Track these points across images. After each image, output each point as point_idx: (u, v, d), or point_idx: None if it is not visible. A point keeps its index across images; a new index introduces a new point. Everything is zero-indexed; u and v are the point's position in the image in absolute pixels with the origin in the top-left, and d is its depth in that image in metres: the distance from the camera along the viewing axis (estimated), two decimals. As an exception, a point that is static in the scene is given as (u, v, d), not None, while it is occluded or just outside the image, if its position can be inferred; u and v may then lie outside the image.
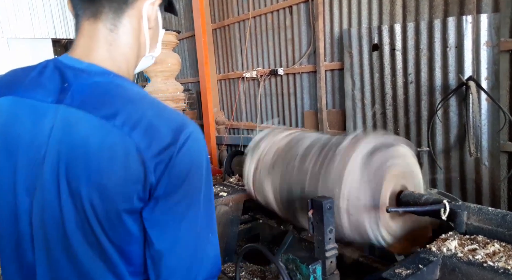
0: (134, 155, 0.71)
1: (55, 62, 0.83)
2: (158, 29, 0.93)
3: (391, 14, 3.42)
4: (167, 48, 3.94)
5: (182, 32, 6.11)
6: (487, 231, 1.36)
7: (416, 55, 3.23)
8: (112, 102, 0.76)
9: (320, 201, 1.30)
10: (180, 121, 0.77)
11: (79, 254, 0.76)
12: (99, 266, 0.77)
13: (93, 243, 0.75)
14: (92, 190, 0.72)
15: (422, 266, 1.18)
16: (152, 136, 0.72)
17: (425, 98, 3.23)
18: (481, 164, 2.96)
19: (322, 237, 1.31)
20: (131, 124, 0.72)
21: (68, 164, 0.74)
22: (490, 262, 1.15)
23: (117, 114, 0.73)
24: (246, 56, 5.21)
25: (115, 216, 0.74)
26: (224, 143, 5.63)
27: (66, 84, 0.79)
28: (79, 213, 0.74)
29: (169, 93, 3.93)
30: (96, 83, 0.79)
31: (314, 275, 1.32)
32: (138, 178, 0.71)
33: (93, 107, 0.75)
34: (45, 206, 0.76)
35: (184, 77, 6.45)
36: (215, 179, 4.54)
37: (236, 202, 2.39)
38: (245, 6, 5.08)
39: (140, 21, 0.86)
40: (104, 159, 0.72)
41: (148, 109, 0.76)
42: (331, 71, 4.08)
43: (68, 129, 0.75)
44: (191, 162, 0.76)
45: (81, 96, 0.77)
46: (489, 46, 2.84)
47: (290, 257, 1.39)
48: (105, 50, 0.83)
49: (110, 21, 0.82)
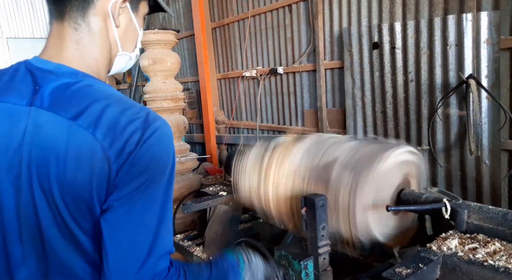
0: (99, 153, 0.74)
1: (26, 65, 0.85)
2: (132, 28, 0.94)
3: (391, 12, 3.41)
4: (166, 47, 3.93)
5: (181, 31, 6.10)
6: (487, 229, 1.35)
7: (416, 54, 3.22)
8: (79, 103, 0.78)
9: (313, 198, 1.31)
10: (145, 117, 0.79)
11: (56, 247, 0.80)
12: (76, 257, 0.81)
13: (68, 237, 0.79)
14: (63, 188, 0.76)
15: (422, 265, 1.17)
16: (115, 133, 0.75)
17: (425, 96, 3.22)
18: (482, 162, 2.96)
19: (315, 234, 1.32)
20: (95, 123, 0.75)
21: (39, 165, 0.77)
22: (491, 261, 1.15)
23: (82, 114, 0.76)
24: (245, 55, 5.21)
25: (86, 210, 0.77)
26: (224, 142, 5.63)
27: (37, 87, 0.81)
28: (52, 210, 0.78)
29: (168, 93, 3.92)
30: (64, 85, 0.81)
31: (305, 271, 1.35)
32: (104, 174, 0.75)
33: (61, 108, 0.78)
34: (25, 203, 0.80)
35: (183, 76, 6.44)
36: (216, 178, 4.54)
37: (236, 201, 2.39)
38: (244, 5, 5.07)
39: (106, 20, 0.87)
40: (72, 159, 0.75)
41: (112, 106, 0.78)
42: (331, 70, 4.07)
43: (38, 131, 0.78)
44: (153, 157, 0.78)
45: (50, 98, 0.79)
46: (489, 44, 2.83)
47: (283, 254, 1.41)
48: (73, 49, 0.85)
49: (74, 20, 0.84)
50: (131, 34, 0.95)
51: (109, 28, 0.89)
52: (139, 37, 0.98)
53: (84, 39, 0.86)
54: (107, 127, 0.76)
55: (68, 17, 0.84)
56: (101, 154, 0.75)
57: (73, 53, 0.85)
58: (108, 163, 0.75)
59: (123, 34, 0.92)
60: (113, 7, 0.87)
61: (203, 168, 5.05)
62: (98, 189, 0.76)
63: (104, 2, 0.86)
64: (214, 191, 2.45)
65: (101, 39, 0.88)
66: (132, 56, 0.98)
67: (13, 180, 0.80)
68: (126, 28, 0.92)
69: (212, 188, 2.54)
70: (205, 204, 2.28)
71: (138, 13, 0.95)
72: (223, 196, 2.35)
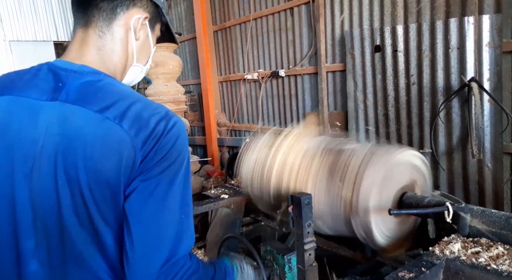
0: (126, 142, 0.81)
1: (49, 66, 0.92)
2: (147, 43, 1.04)
3: (393, 15, 3.42)
4: (168, 50, 3.94)
5: (183, 34, 6.12)
6: (490, 233, 1.34)
7: (418, 57, 3.22)
8: (103, 98, 0.85)
9: (299, 197, 1.36)
10: (165, 113, 0.88)
11: (74, 236, 0.84)
12: (93, 250, 0.85)
13: (88, 228, 0.84)
14: (90, 175, 0.81)
15: (425, 269, 1.17)
16: (140, 124, 0.83)
17: (427, 99, 3.22)
18: (484, 165, 2.95)
19: (301, 231, 1.37)
20: (121, 116, 0.83)
21: (66, 153, 0.82)
22: (494, 265, 1.14)
23: (108, 107, 0.83)
24: (247, 58, 5.21)
25: (110, 197, 0.82)
26: (225, 145, 5.63)
27: (60, 83, 0.88)
28: (74, 198, 0.82)
29: (170, 95, 3.93)
30: (88, 82, 0.88)
31: (289, 265, 1.43)
32: (130, 161, 0.81)
33: (87, 102, 0.84)
34: (43, 193, 0.84)
35: (185, 79, 6.46)
36: (217, 181, 4.53)
37: (237, 204, 2.38)
38: (246, 8, 5.08)
39: (128, 32, 0.97)
40: (99, 146, 0.81)
41: (136, 102, 0.86)
42: (333, 73, 4.07)
43: (64, 122, 0.83)
44: (174, 146, 0.86)
45: (75, 93, 0.86)
46: (491, 47, 2.83)
47: (268, 249, 1.50)
48: (94, 54, 0.93)
49: (99, 28, 0.93)
50: (146, 49, 1.04)
51: (129, 40, 0.98)
52: (151, 54, 1.07)
53: (107, 46, 0.95)
54: (132, 119, 0.83)
55: (94, 25, 0.93)
56: (128, 143, 0.81)
57: (95, 57, 0.93)
58: (134, 150, 0.81)
59: (140, 47, 1.01)
60: (136, 22, 0.97)
61: (205, 170, 5.05)
62: (124, 175, 0.82)
63: (128, 17, 0.96)
64: (215, 194, 2.45)
65: (121, 48, 0.97)
66: (144, 69, 1.07)
67: (27, 172, 0.84)
68: (143, 42, 1.02)
69: (214, 191, 2.54)
70: (207, 207, 2.28)
71: (154, 32, 1.05)
72: (224, 199, 2.34)
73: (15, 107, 0.87)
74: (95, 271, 0.86)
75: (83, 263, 0.86)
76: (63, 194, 0.82)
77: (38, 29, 7.39)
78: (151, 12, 1.01)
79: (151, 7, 1.00)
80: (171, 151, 0.85)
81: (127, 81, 1.05)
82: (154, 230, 0.84)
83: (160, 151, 0.83)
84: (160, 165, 0.84)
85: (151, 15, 1.01)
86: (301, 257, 1.39)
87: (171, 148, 0.85)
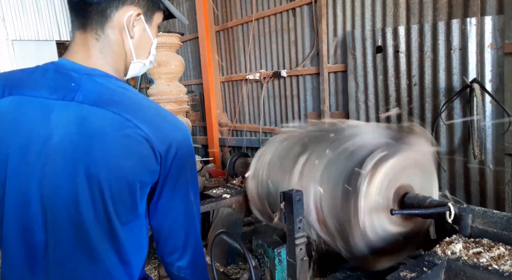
0: (145, 143, 0.87)
1: (56, 66, 0.94)
2: (145, 38, 1.03)
3: (395, 16, 3.42)
4: (171, 50, 3.95)
5: (185, 34, 6.13)
6: (492, 234, 1.35)
7: (420, 57, 3.22)
8: (120, 101, 0.90)
9: (290, 193, 1.40)
10: (176, 119, 0.96)
11: (89, 232, 0.87)
12: (105, 244, 0.89)
13: (103, 222, 0.88)
14: (111, 172, 0.85)
15: (427, 269, 1.17)
16: (156, 129, 0.89)
17: (429, 100, 3.22)
18: (486, 166, 2.95)
19: (292, 226, 1.41)
20: (139, 119, 0.88)
21: (86, 151, 0.85)
22: (495, 266, 1.15)
23: (126, 110, 0.88)
24: (249, 58, 5.22)
25: (128, 194, 0.88)
26: (227, 145, 5.63)
27: (73, 84, 0.90)
28: (93, 194, 0.86)
29: (172, 95, 3.94)
30: (103, 85, 0.92)
31: (279, 258, 1.51)
32: (149, 161, 0.88)
33: (105, 104, 0.88)
34: (56, 189, 0.86)
35: (187, 79, 6.47)
36: (219, 181, 4.54)
37: (239, 204, 2.39)
38: (248, 8, 5.09)
39: (122, 32, 0.97)
40: (120, 146, 0.86)
41: (150, 108, 0.94)
42: (335, 73, 4.07)
43: (83, 122, 0.86)
44: (188, 153, 0.97)
45: (92, 95, 0.89)
46: (493, 48, 2.83)
47: (259, 243, 1.57)
48: (99, 57, 0.95)
49: (94, 31, 0.94)
50: (145, 43, 1.04)
51: (124, 39, 0.98)
52: (153, 45, 1.07)
53: (105, 48, 0.96)
54: (149, 122, 0.89)
55: (90, 28, 0.94)
56: (147, 144, 0.87)
57: (100, 60, 0.95)
58: (154, 152, 0.88)
59: (137, 44, 1.01)
60: (128, 20, 0.96)
61: (206, 170, 5.05)
62: (143, 173, 0.88)
63: (120, 16, 0.95)
64: (217, 194, 2.46)
65: (119, 48, 0.98)
66: (146, 62, 1.07)
67: (40, 169, 0.86)
68: (140, 38, 1.01)
69: (215, 190, 2.55)
70: (208, 206, 2.28)
71: (152, 23, 1.03)
72: (226, 199, 2.35)
73: (26, 107, 0.89)
74: (107, 266, 0.90)
75: (96, 258, 0.89)
76: (82, 190, 0.85)
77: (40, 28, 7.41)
78: (144, 5, 0.99)
79: (143, 0, 0.98)
80: (186, 155, 0.95)
81: (130, 75, 1.07)
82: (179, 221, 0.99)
83: (178, 156, 0.92)
84: (179, 168, 0.94)
85: (145, 8, 0.99)
86: (292, 252, 1.43)
87: (186, 152, 0.95)
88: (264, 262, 1.54)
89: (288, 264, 1.46)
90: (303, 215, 1.43)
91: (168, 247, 1.01)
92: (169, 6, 1.05)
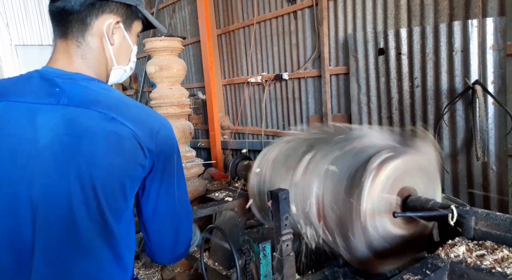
0: (132, 139, 0.91)
1: (40, 73, 0.98)
2: (125, 45, 1.07)
3: (396, 18, 3.42)
4: (173, 54, 3.96)
5: (187, 38, 6.15)
6: (495, 236, 1.34)
7: (422, 59, 3.22)
8: (105, 101, 0.94)
9: (277, 192, 1.47)
10: (159, 116, 1.01)
11: (82, 229, 0.90)
12: (98, 239, 0.92)
13: (96, 218, 0.91)
14: (101, 168, 0.89)
15: (430, 272, 1.16)
16: (142, 125, 0.93)
17: (431, 102, 3.21)
18: (489, 168, 2.94)
19: (279, 224, 1.49)
20: (125, 117, 0.92)
21: (76, 151, 0.88)
22: (499, 268, 1.14)
23: (111, 109, 0.92)
24: (250, 61, 5.23)
25: (119, 190, 0.92)
26: (229, 147, 5.64)
27: (57, 89, 0.94)
28: (86, 192, 0.89)
29: (174, 99, 3.94)
30: (86, 87, 0.96)
31: (263, 252, 1.60)
32: (137, 156, 0.92)
33: (91, 104, 0.92)
34: (46, 190, 0.89)
35: (189, 82, 6.49)
36: (221, 184, 4.54)
37: (241, 207, 2.39)
38: (249, 11, 5.11)
39: (102, 39, 1.01)
40: (108, 142, 0.89)
41: (133, 106, 0.98)
42: (336, 76, 4.08)
43: (70, 123, 0.90)
44: (173, 148, 1.02)
45: (77, 97, 0.93)
46: (495, 49, 2.82)
47: (245, 238, 1.66)
48: (81, 63, 0.99)
49: (75, 39, 0.99)
50: (125, 50, 1.08)
51: (104, 46, 1.02)
52: (133, 52, 1.11)
53: (87, 55, 1.00)
54: (134, 120, 0.93)
55: (71, 36, 0.98)
56: (135, 140, 0.91)
57: (82, 66, 0.99)
58: (141, 148, 0.92)
59: (117, 51, 1.06)
60: (107, 28, 1.01)
61: (209, 173, 5.06)
62: (133, 168, 0.93)
63: (99, 24, 0.99)
64: (219, 197, 2.46)
65: (99, 55, 1.02)
66: (126, 69, 1.11)
67: (28, 171, 0.89)
68: (120, 45, 1.06)
69: (218, 193, 2.55)
70: (211, 209, 2.29)
71: (131, 31, 1.09)
72: (228, 202, 2.35)
73: (12, 112, 0.92)
74: (100, 262, 0.94)
75: (88, 255, 0.92)
76: (74, 189, 0.88)
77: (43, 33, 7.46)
78: (123, 14, 1.03)
79: (122, 9, 1.02)
80: (171, 149, 1.00)
81: (112, 82, 1.11)
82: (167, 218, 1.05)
83: (163, 151, 0.97)
84: (165, 162, 0.98)
85: (124, 16, 1.04)
86: (279, 248, 1.51)
87: (171, 147, 1.00)
88: (250, 256, 1.64)
89: (276, 259, 1.54)
90: (289, 213, 1.50)
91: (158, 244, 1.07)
92: (147, 15, 1.11)
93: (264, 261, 1.62)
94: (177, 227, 1.07)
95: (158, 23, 1.15)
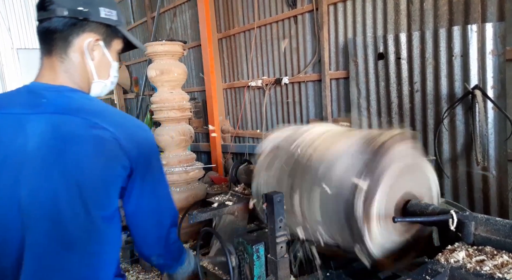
0: (113, 141, 0.99)
1: (28, 88, 1.07)
2: (105, 61, 1.17)
3: (396, 23, 3.44)
4: (174, 58, 3.97)
5: (188, 42, 6.17)
6: (495, 241, 1.34)
7: (421, 64, 3.23)
8: (88, 109, 1.03)
9: (272, 195, 1.49)
10: (138, 121, 1.12)
11: (69, 225, 0.97)
12: (84, 236, 1.00)
13: (82, 215, 0.98)
14: (85, 168, 0.97)
15: (430, 277, 1.17)
16: (121, 129, 1.02)
17: (431, 106, 3.22)
18: (489, 173, 2.94)
19: (273, 226, 1.50)
20: (106, 122, 1.00)
21: (61, 153, 0.96)
22: (499, 274, 1.14)
23: (94, 115, 1.01)
24: (251, 65, 5.25)
25: (103, 188, 1.00)
26: (229, 151, 5.64)
27: (44, 100, 1.02)
28: (70, 191, 0.96)
29: (175, 103, 3.95)
30: (71, 97, 1.06)
31: (257, 254, 1.63)
32: (119, 157, 1.00)
33: (75, 111, 1.01)
34: (36, 190, 0.96)
35: (190, 86, 6.50)
36: (221, 187, 4.54)
37: (242, 211, 2.39)
38: (250, 16, 5.13)
39: (83, 55, 1.11)
40: (91, 145, 0.97)
41: (114, 114, 1.08)
42: (336, 80, 4.09)
43: (57, 128, 0.98)
44: (153, 150, 1.12)
45: (62, 106, 1.02)
46: (495, 54, 2.83)
47: (240, 240, 1.69)
48: (64, 76, 1.09)
49: (59, 55, 1.08)
50: (105, 65, 1.17)
51: (86, 61, 1.12)
52: (112, 67, 1.20)
53: (70, 69, 1.09)
54: (116, 124, 1.01)
55: (55, 53, 1.08)
56: (117, 143, 0.99)
57: (66, 79, 1.09)
58: (123, 150, 1.00)
59: (97, 65, 1.15)
60: (88, 45, 1.10)
61: (209, 177, 5.06)
62: (115, 168, 1.00)
63: (80, 42, 1.09)
64: (219, 201, 2.46)
65: (81, 69, 1.12)
66: (107, 83, 1.20)
67: (18, 176, 0.97)
68: (100, 61, 1.15)
69: (218, 197, 2.55)
70: (211, 213, 2.29)
71: (111, 48, 1.18)
72: (229, 206, 2.35)
73: (2, 122, 1.01)
74: (87, 256, 1.01)
75: (75, 250, 0.99)
76: (60, 188, 0.96)
77: (45, 37, 7.48)
78: (103, 33, 1.13)
79: (102, 28, 1.12)
80: (149, 150, 1.09)
81: (94, 94, 1.19)
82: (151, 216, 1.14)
83: (142, 152, 1.05)
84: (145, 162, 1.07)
85: (104, 35, 1.14)
86: (273, 250, 1.52)
87: (149, 148, 1.10)
88: (244, 258, 1.66)
89: (270, 261, 1.55)
90: (283, 215, 1.51)
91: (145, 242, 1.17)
92: (126, 35, 1.20)
93: (257, 263, 1.64)
94: (158, 222, 1.17)
95: (138, 42, 1.25)
